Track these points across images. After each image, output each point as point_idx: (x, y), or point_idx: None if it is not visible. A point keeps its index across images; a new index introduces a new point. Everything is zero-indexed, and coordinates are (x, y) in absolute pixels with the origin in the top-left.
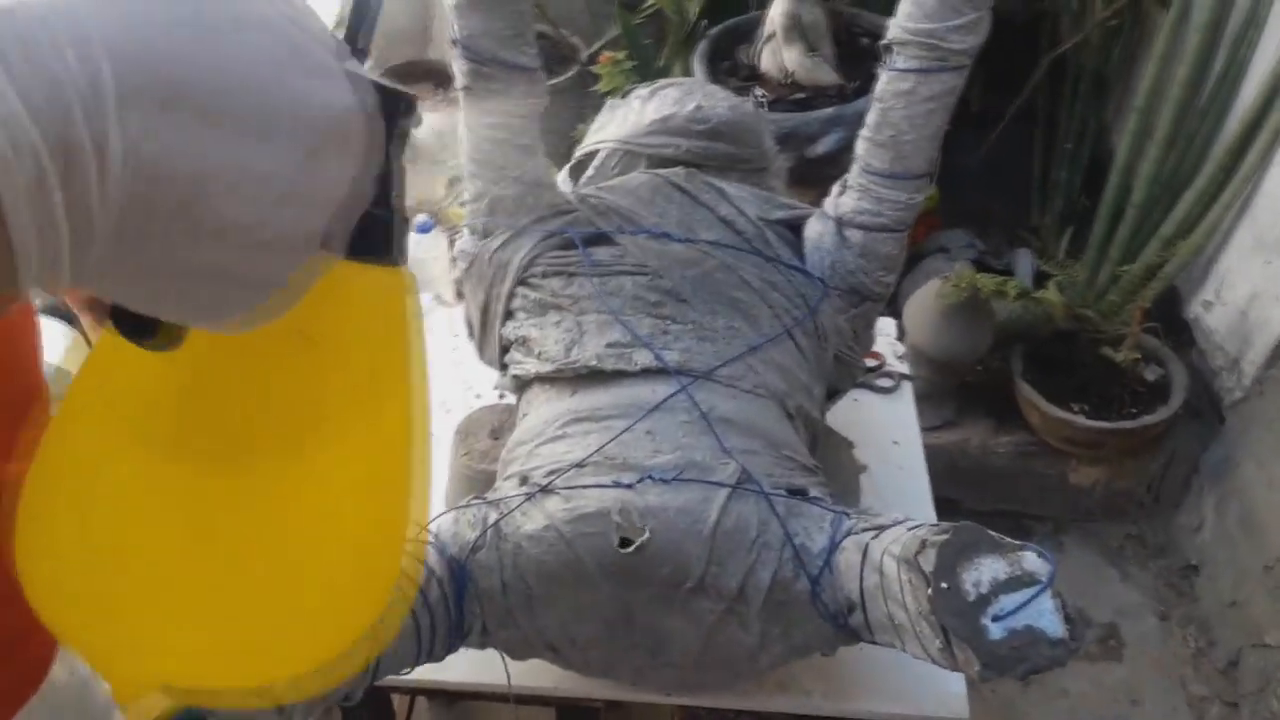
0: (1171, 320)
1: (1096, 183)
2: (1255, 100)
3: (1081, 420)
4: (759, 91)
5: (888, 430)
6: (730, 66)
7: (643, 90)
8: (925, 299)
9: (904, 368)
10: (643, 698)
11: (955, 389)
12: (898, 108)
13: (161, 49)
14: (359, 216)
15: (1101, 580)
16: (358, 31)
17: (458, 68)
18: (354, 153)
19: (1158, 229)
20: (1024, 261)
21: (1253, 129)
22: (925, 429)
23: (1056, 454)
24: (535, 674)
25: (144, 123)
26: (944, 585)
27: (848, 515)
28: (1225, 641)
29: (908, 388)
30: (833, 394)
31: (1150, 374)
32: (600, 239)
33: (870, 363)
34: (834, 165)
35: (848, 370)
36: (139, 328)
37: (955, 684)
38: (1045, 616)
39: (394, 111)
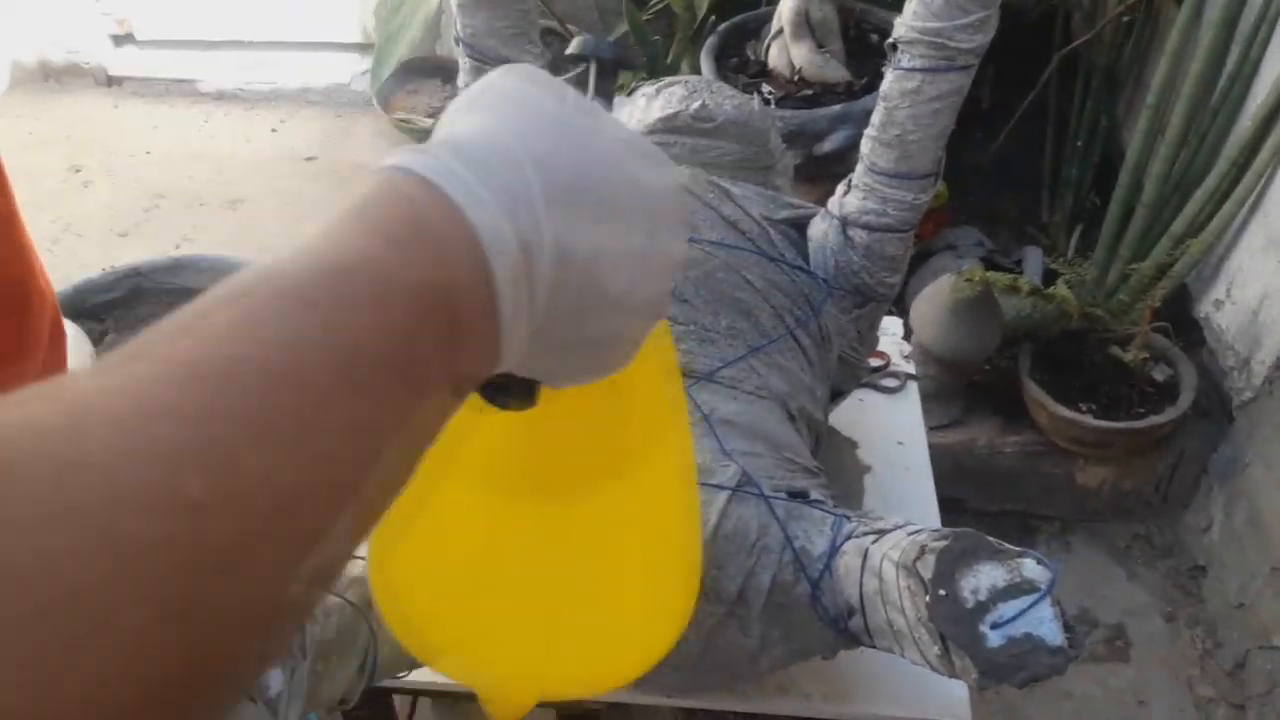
0: (1181, 319)
1: (1107, 181)
2: (1268, 98)
3: (1089, 420)
4: (766, 88)
5: (893, 431)
6: (738, 63)
7: (648, 88)
8: (933, 297)
9: (910, 367)
10: (644, 700)
11: (962, 388)
12: (904, 107)
13: (556, 159)
14: None
15: (1109, 580)
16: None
17: (461, 65)
18: (681, 221)
19: (1168, 228)
20: (1033, 259)
21: (1266, 127)
22: (931, 428)
23: (1064, 454)
24: None
25: (558, 220)
26: (942, 592)
27: (848, 518)
28: (1232, 643)
29: (913, 388)
30: (836, 395)
31: (1159, 374)
32: None
33: (875, 362)
34: (842, 162)
35: (851, 371)
36: (504, 394)
37: (958, 688)
38: (1044, 624)
39: None
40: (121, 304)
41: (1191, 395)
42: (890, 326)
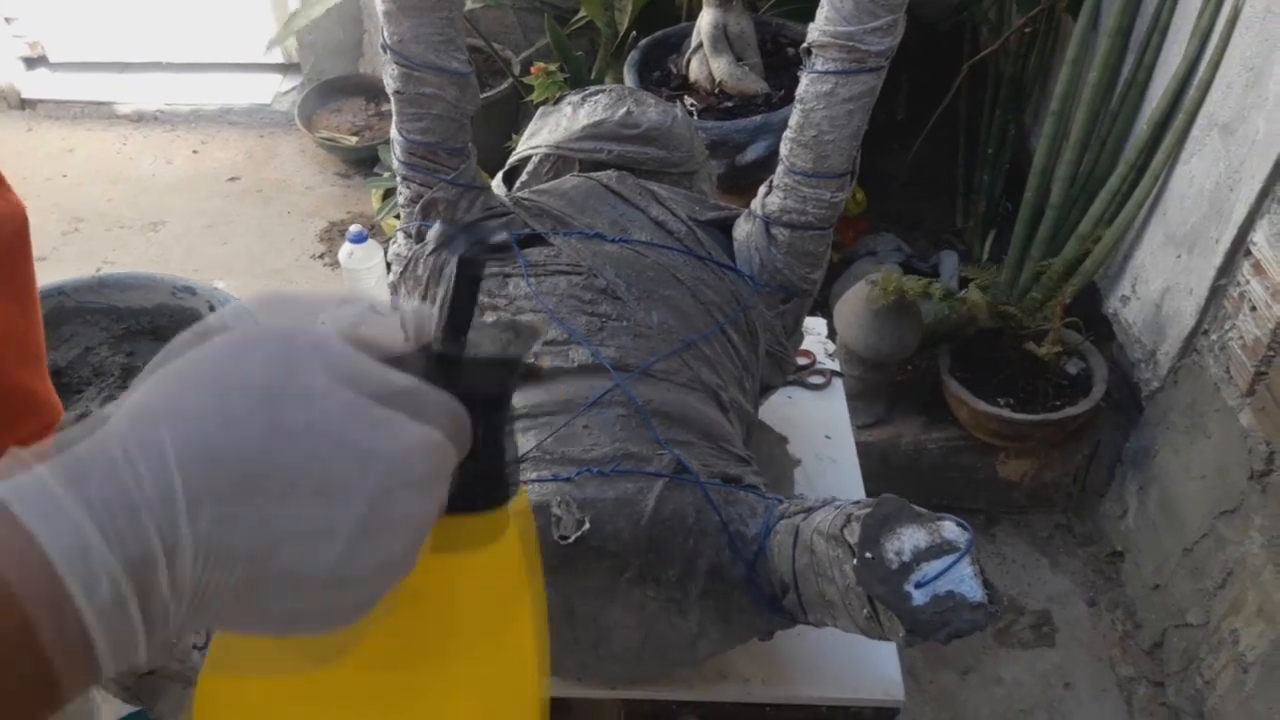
0: (1092, 316)
1: (1018, 186)
2: (1162, 102)
3: (1007, 413)
4: (689, 100)
5: (820, 425)
6: (660, 76)
7: (574, 97)
8: (854, 301)
9: (834, 365)
10: (587, 693)
11: (886, 387)
12: (819, 109)
13: (232, 447)
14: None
15: (1033, 569)
16: (462, 324)
17: (389, 73)
18: (437, 475)
19: (1076, 228)
20: (949, 263)
21: (1161, 130)
22: (859, 426)
23: (985, 448)
24: None
25: (213, 517)
26: (868, 555)
27: (780, 501)
28: (1150, 624)
29: (839, 384)
30: (765, 389)
31: (1072, 367)
32: (535, 240)
33: (802, 361)
34: (763, 171)
35: (779, 365)
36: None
37: (891, 669)
38: (965, 582)
39: (504, 371)
40: (46, 323)
41: (1103, 387)
42: (815, 326)
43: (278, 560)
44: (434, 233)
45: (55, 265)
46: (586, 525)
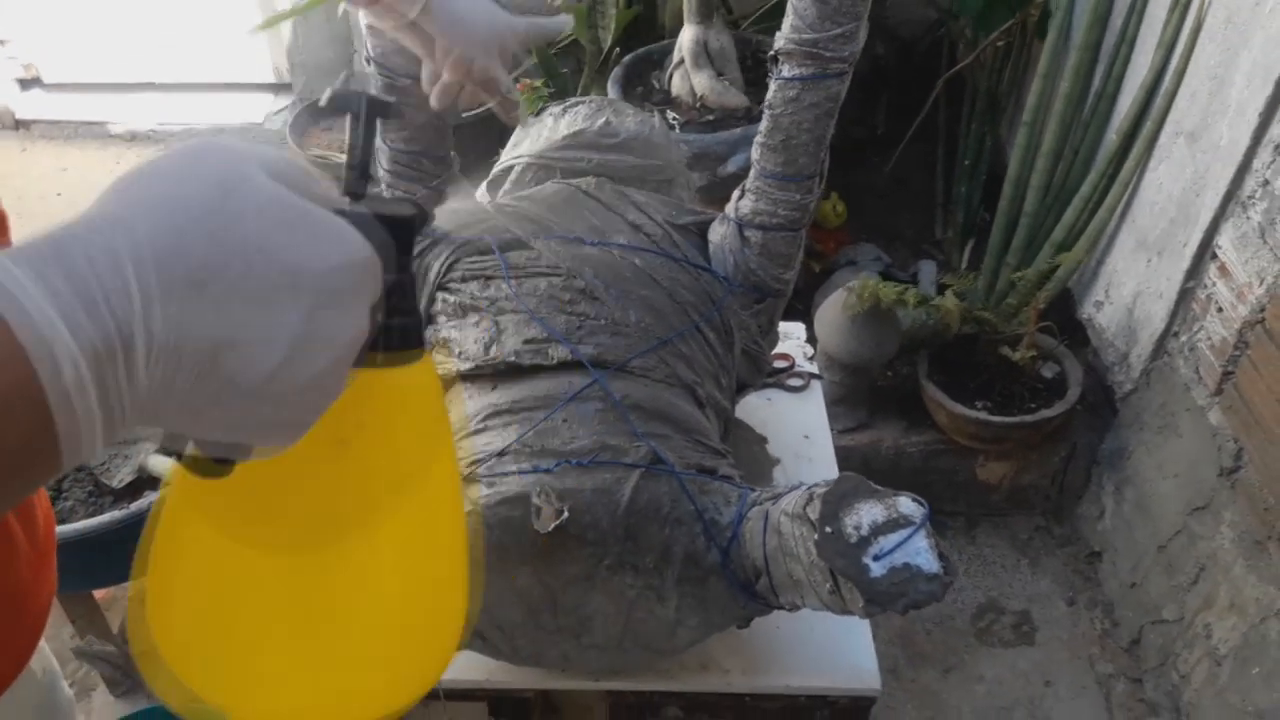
0: (1066, 321)
1: (995, 196)
2: (1130, 112)
3: (985, 416)
4: (671, 114)
5: (799, 426)
6: (644, 91)
7: (555, 107)
8: (834, 308)
9: (813, 368)
10: (571, 685)
11: (867, 393)
12: (786, 113)
13: (179, 251)
14: (383, 330)
15: (1013, 570)
16: (364, 164)
17: (373, 84)
18: (361, 295)
19: (1050, 236)
20: (927, 272)
21: (1129, 139)
22: (840, 431)
23: (965, 451)
24: (465, 668)
25: (164, 315)
26: (828, 529)
27: (753, 489)
28: (1127, 621)
29: (817, 386)
30: (742, 387)
31: (1048, 371)
32: (516, 244)
33: (781, 364)
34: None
35: (754, 364)
36: (199, 462)
37: (867, 660)
38: (921, 554)
39: (407, 229)
40: None
41: (1079, 389)
42: (793, 331)
43: (221, 364)
44: (326, 96)
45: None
46: (565, 515)
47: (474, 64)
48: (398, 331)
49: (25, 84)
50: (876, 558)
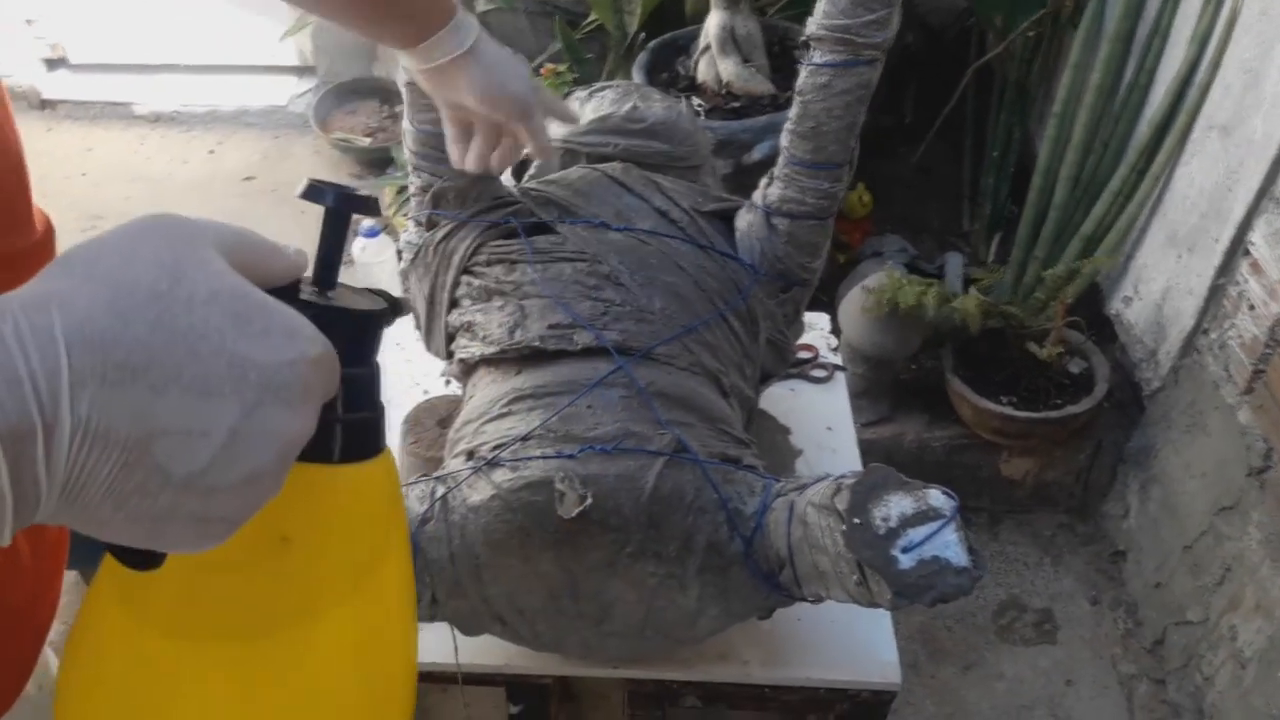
0: (1094, 316)
1: (1023, 188)
2: (1163, 104)
3: (1010, 411)
4: (696, 101)
5: (822, 417)
6: (669, 78)
7: (581, 92)
8: (857, 301)
9: (837, 359)
10: (591, 671)
11: (890, 385)
12: (817, 100)
13: (119, 336)
14: (338, 426)
15: (1036, 568)
16: (332, 258)
17: (400, 76)
18: (310, 393)
19: (1079, 229)
20: (954, 264)
21: (1161, 132)
22: (863, 424)
23: (989, 447)
24: (484, 652)
25: (93, 400)
26: (856, 521)
27: (777, 480)
28: (1151, 621)
29: (841, 378)
30: (766, 377)
31: (1075, 367)
32: (541, 228)
33: (805, 354)
34: (769, 170)
35: (779, 353)
36: (128, 553)
37: (888, 653)
38: (951, 548)
39: (373, 323)
40: None
41: (1105, 386)
42: (818, 322)
43: (152, 453)
44: (302, 185)
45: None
46: (589, 501)
47: (506, 126)
48: (354, 428)
49: (52, 64)
50: (905, 550)
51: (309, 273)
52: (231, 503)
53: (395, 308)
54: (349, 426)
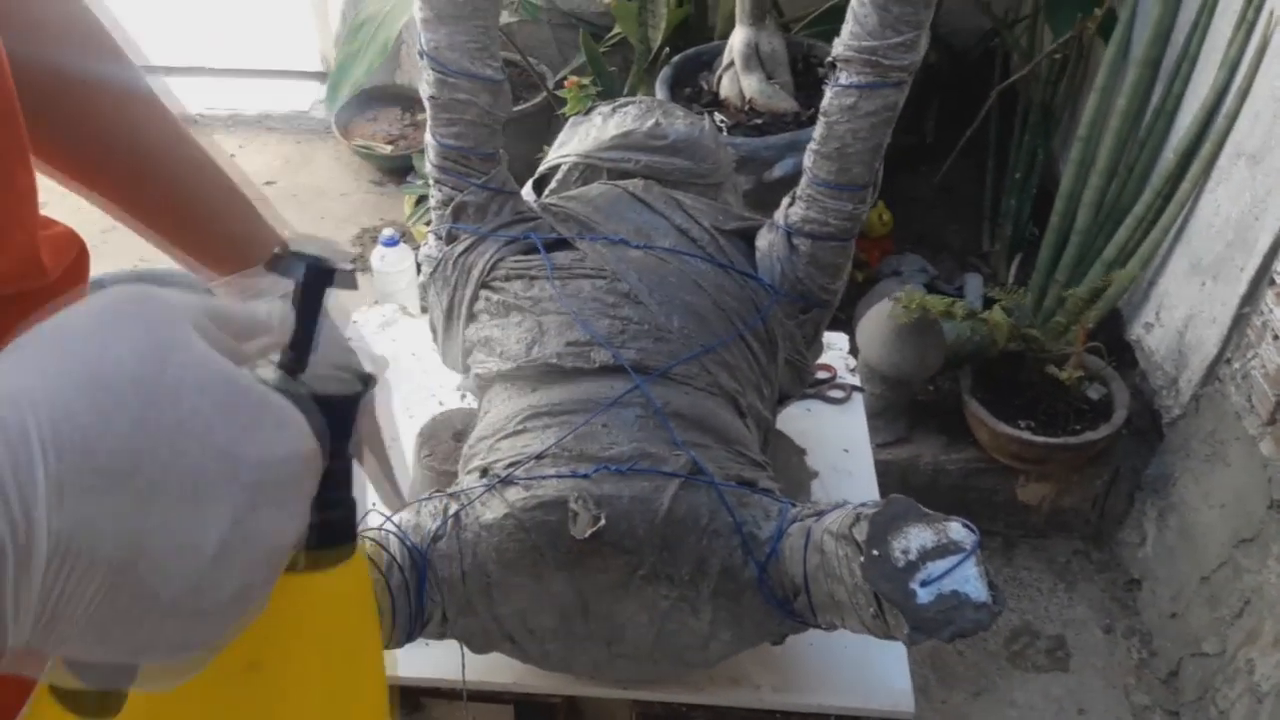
0: (1115, 341)
1: (1045, 211)
2: (1189, 131)
3: (1027, 436)
4: (719, 117)
5: (839, 439)
6: (692, 93)
7: (605, 107)
8: (878, 319)
9: (855, 380)
10: (600, 692)
11: (907, 406)
12: (842, 121)
13: (100, 437)
14: (313, 530)
15: (1050, 594)
16: (305, 339)
17: (424, 79)
18: (301, 490)
19: (1100, 254)
20: (973, 286)
21: (1188, 158)
22: (878, 445)
23: (1005, 470)
24: (494, 670)
25: (74, 512)
26: (875, 552)
27: (794, 504)
28: (1166, 652)
29: (858, 399)
30: (784, 398)
31: (1094, 392)
32: (561, 244)
33: (823, 375)
34: (790, 188)
35: (797, 374)
36: (76, 698)
37: (901, 681)
38: (970, 582)
39: (347, 409)
40: None
41: (1124, 413)
42: (836, 342)
43: (138, 572)
44: (270, 256)
45: (95, 262)
46: (603, 521)
47: None
48: (330, 529)
49: None
50: (924, 584)
51: (275, 355)
52: (218, 623)
53: (367, 389)
54: (325, 527)
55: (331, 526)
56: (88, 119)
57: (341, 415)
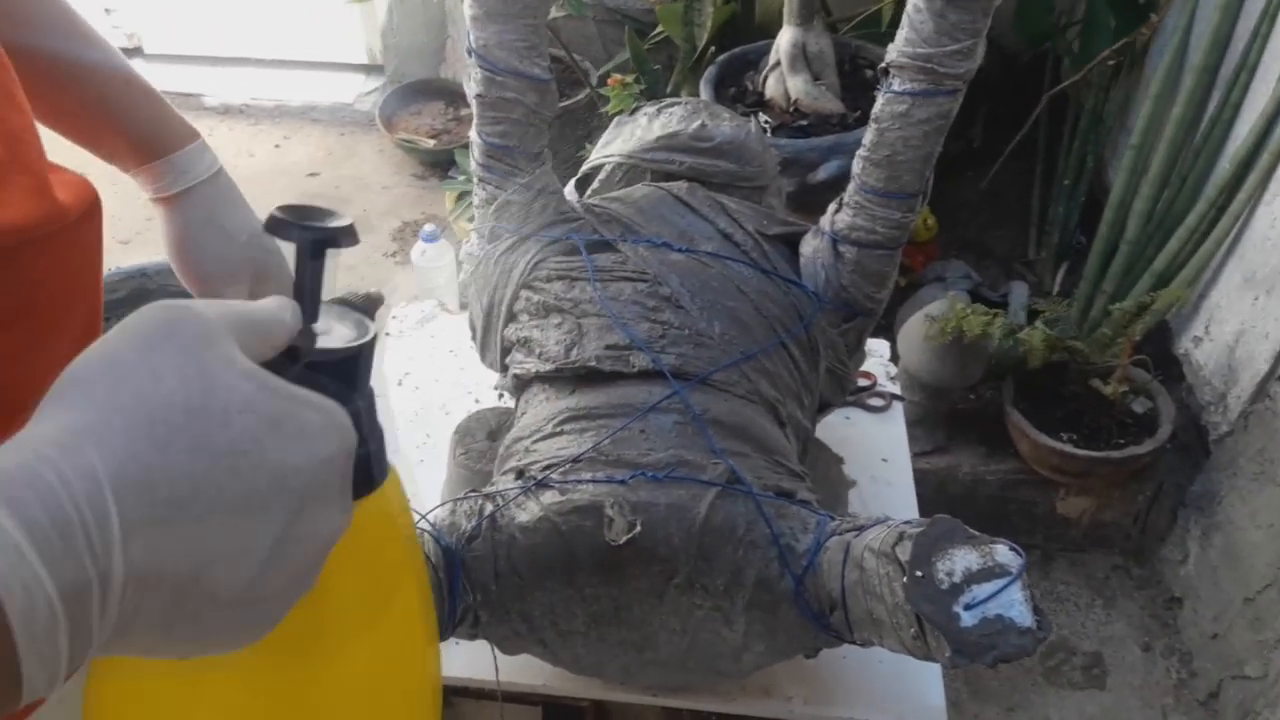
0: (1162, 355)
1: (1093, 219)
2: (1247, 141)
3: (1069, 449)
4: (763, 117)
5: (878, 448)
6: (736, 93)
7: (650, 108)
8: (918, 326)
9: (895, 388)
10: (629, 698)
11: (947, 415)
12: (894, 128)
13: (162, 469)
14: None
15: (1088, 609)
16: (314, 310)
17: (472, 75)
18: (345, 481)
19: (1150, 265)
20: (1019, 293)
21: (1244, 169)
22: (917, 453)
23: (1045, 483)
24: (524, 671)
25: (144, 545)
26: (919, 574)
27: (832, 518)
28: (1206, 673)
29: (899, 408)
30: (824, 407)
31: (1139, 406)
32: (603, 246)
33: (863, 382)
34: (834, 191)
35: (839, 383)
36: None
37: (935, 696)
38: (1015, 607)
39: (363, 357)
40: (126, 304)
41: (1170, 428)
42: (877, 349)
43: (200, 582)
44: (268, 217)
45: (138, 249)
46: (638, 528)
47: (215, 293)
48: (363, 467)
49: (128, 53)
50: (968, 607)
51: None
52: (270, 609)
53: (369, 327)
54: (359, 467)
55: (365, 464)
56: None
57: (358, 367)
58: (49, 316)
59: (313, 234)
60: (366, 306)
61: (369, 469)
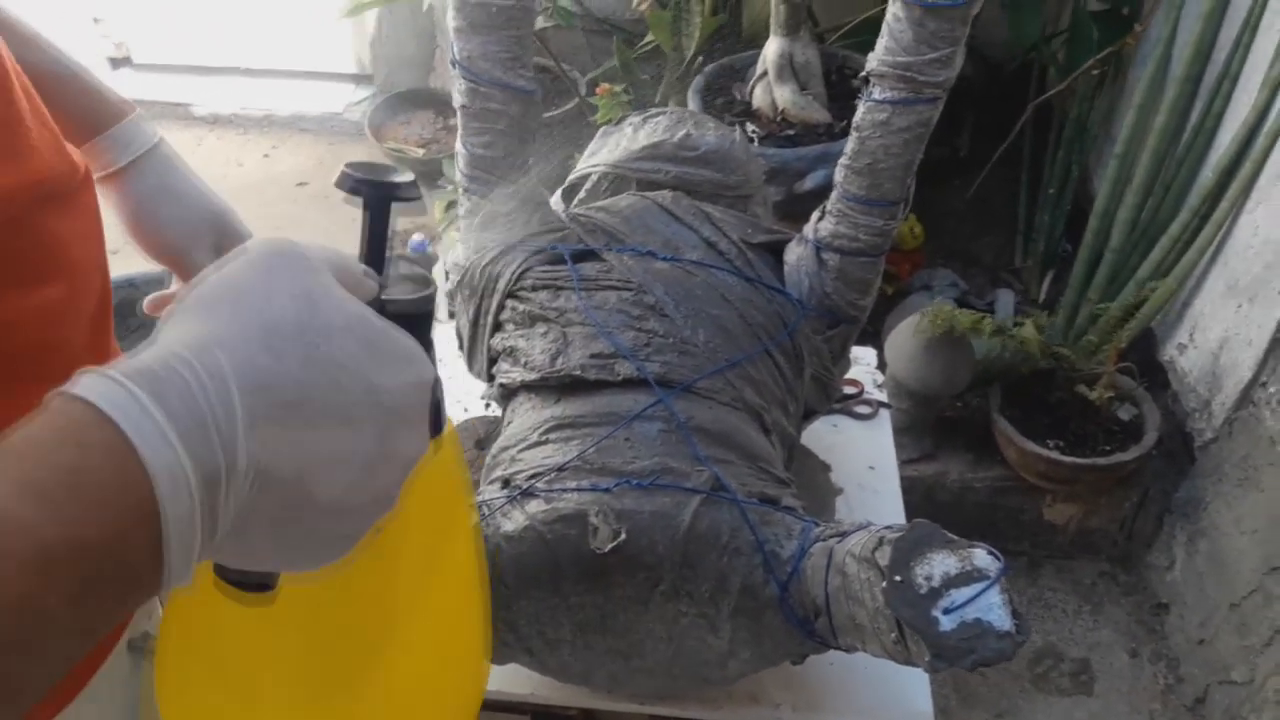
0: (1147, 362)
1: (1078, 227)
2: (1230, 150)
3: (1056, 455)
4: (751, 127)
5: (865, 456)
6: (724, 102)
7: (635, 117)
8: (906, 333)
9: (882, 396)
10: (617, 706)
11: (934, 422)
12: (875, 136)
13: (277, 374)
14: None
15: (1075, 616)
16: (381, 263)
17: (457, 87)
18: (424, 410)
19: (1135, 273)
20: (1005, 301)
21: (1227, 178)
22: (904, 461)
23: (1032, 490)
24: (511, 680)
25: (263, 440)
26: (898, 578)
27: (816, 524)
28: (1193, 678)
29: (885, 415)
30: (809, 414)
31: (1125, 413)
32: (588, 255)
33: (850, 390)
34: (821, 200)
35: (824, 391)
36: (241, 584)
37: (923, 703)
38: (994, 610)
39: (427, 319)
40: (116, 314)
41: (1155, 435)
42: (864, 356)
43: (304, 484)
44: (339, 175)
45: (126, 259)
46: (623, 536)
47: (179, 257)
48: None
49: (116, 63)
50: (947, 611)
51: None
52: (357, 522)
53: (430, 284)
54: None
55: (435, 407)
56: None
57: (423, 322)
58: (77, 276)
59: (381, 190)
60: (424, 263)
61: (438, 412)
